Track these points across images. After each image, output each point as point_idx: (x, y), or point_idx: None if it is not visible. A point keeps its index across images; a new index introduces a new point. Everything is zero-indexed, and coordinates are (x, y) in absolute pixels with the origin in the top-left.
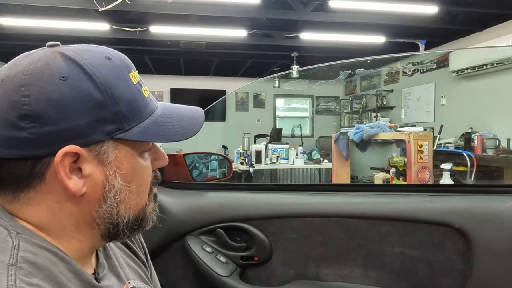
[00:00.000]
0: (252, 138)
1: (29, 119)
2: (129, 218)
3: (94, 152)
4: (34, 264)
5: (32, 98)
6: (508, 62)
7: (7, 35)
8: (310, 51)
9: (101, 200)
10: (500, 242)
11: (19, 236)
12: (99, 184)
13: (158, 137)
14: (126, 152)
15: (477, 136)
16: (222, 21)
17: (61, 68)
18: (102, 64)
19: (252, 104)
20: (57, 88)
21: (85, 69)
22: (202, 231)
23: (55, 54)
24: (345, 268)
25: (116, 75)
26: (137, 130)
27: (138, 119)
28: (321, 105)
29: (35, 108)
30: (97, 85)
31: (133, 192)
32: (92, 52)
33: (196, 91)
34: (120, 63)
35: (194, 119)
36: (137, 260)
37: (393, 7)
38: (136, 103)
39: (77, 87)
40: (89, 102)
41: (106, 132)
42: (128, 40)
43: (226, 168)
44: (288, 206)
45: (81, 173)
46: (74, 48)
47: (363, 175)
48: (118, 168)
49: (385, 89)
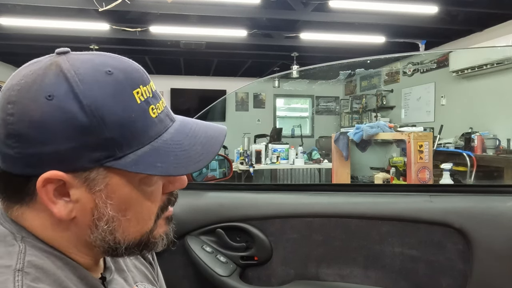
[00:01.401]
0: (252, 138)
1: (14, 139)
2: (129, 244)
3: (81, 178)
4: (41, 269)
5: (16, 117)
6: (508, 62)
7: (7, 35)
8: (310, 51)
9: (92, 226)
10: (500, 242)
11: (25, 240)
12: (88, 211)
13: (155, 169)
14: (119, 180)
15: (477, 136)
16: (222, 21)
17: (49, 85)
18: (96, 81)
19: (252, 104)
20: (39, 108)
21: (73, 87)
22: (202, 231)
23: (52, 66)
24: (345, 268)
25: (111, 95)
26: (132, 158)
27: (135, 145)
28: (321, 105)
29: (18, 128)
30: (83, 106)
31: (131, 221)
32: (91, 64)
33: (196, 91)
34: (123, 78)
35: (206, 147)
36: (144, 261)
37: (393, 7)
38: (135, 127)
39: (61, 108)
40: (73, 125)
41: (93, 159)
42: (128, 40)
43: (226, 168)
44: (288, 206)
45: (69, 198)
46: (75, 58)
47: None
48: (108, 197)
49: (385, 89)
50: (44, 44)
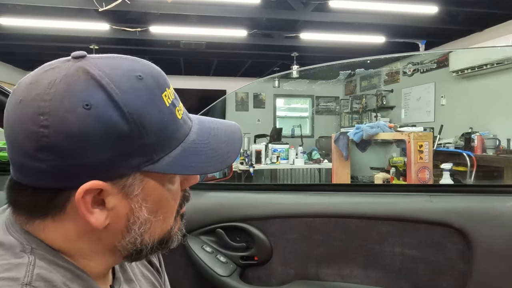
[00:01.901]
0: (252, 138)
1: (48, 152)
2: (154, 244)
3: (119, 186)
4: (50, 282)
5: (52, 129)
6: (508, 62)
7: (7, 35)
8: (310, 51)
9: (124, 231)
10: (500, 242)
11: (34, 251)
12: (123, 216)
13: (189, 169)
14: (154, 183)
15: (477, 136)
16: (222, 21)
17: (84, 93)
18: (132, 87)
19: (252, 104)
20: (79, 119)
21: (112, 95)
22: (202, 231)
23: (79, 73)
24: (345, 268)
25: (147, 100)
26: (167, 161)
27: (168, 148)
28: (321, 105)
29: (55, 141)
30: (125, 115)
31: (159, 221)
32: (121, 70)
33: (196, 91)
34: (152, 82)
35: (230, 144)
36: (151, 268)
37: (393, 7)
38: (167, 130)
39: (101, 117)
40: (114, 135)
41: (132, 166)
42: (128, 40)
43: (226, 168)
44: (288, 206)
45: (104, 206)
46: (102, 63)
47: (363, 175)
48: (144, 201)
49: (385, 89)
50: (44, 44)
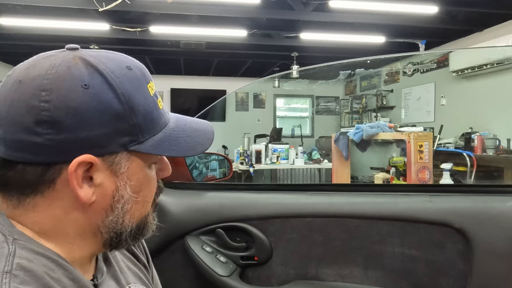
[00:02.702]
0: (252, 138)
1: (47, 125)
2: (132, 228)
3: (107, 162)
4: (30, 272)
5: (52, 104)
6: (508, 62)
7: (7, 35)
8: (310, 51)
9: (108, 209)
10: (500, 242)
11: (16, 242)
12: (109, 194)
13: (171, 151)
14: (138, 163)
15: (477, 136)
16: (222, 21)
17: (83, 75)
18: (123, 74)
19: (252, 104)
20: (78, 96)
21: (108, 79)
22: (202, 231)
23: (77, 60)
24: (345, 268)
25: (135, 86)
26: (151, 143)
27: (152, 132)
28: (321, 105)
29: (55, 115)
30: (118, 96)
31: (139, 203)
32: (114, 61)
33: (196, 91)
34: (139, 74)
35: (204, 134)
36: (137, 263)
37: (393, 7)
38: (152, 115)
39: (98, 96)
40: (108, 112)
41: (121, 144)
42: (128, 40)
43: (226, 168)
44: (288, 206)
45: (91, 182)
46: (96, 54)
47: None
48: (128, 179)
49: (385, 89)
50: (44, 44)
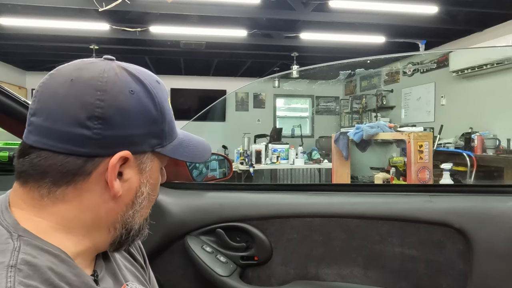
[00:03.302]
0: (252, 138)
1: (98, 121)
2: (139, 226)
3: (138, 160)
4: (34, 267)
5: (106, 103)
6: (508, 62)
7: (7, 35)
8: (310, 51)
9: (129, 204)
10: (500, 242)
11: (21, 238)
12: (133, 189)
13: (183, 156)
14: (157, 164)
15: (477, 136)
16: (222, 21)
17: (130, 82)
18: (157, 86)
19: (252, 104)
20: (126, 99)
21: (148, 88)
22: (202, 231)
23: (120, 68)
24: (345, 268)
25: (165, 98)
26: (170, 148)
27: (171, 138)
28: (321, 105)
29: (106, 112)
30: (156, 103)
31: (150, 201)
32: (148, 74)
33: (196, 91)
34: (164, 88)
35: (204, 147)
36: (135, 263)
37: (393, 7)
38: (172, 124)
39: (141, 101)
40: (147, 116)
41: (151, 145)
42: (128, 40)
43: (226, 168)
44: (288, 206)
45: (121, 177)
46: (132, 67)
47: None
48: (150, 177)
49: (385, 89)
50: (44, 44)
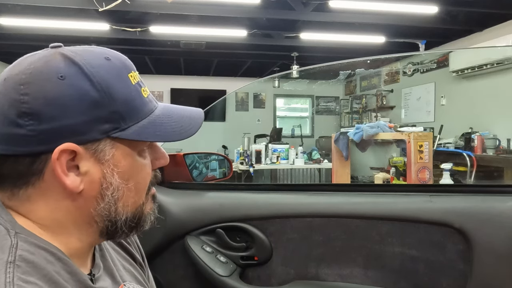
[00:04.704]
0: (252, 138)
1: (28, 117)
2: (127, 216)
3: (91, 150)
4: (32, 263)
5: (31, 96)
6: (508, 62)
7: (7, 35)
8: (310, 51)
9: (98, 197)
10: (500, 242)
11: (18, 235)
12: (96, 181)
13: (155, 137)
14: (123, 150)
15: (477, 136)
16: (222, 21)
17: (59, 67)
18: (100, 64)
19: (252, 104)
20: (54, 87)
21: (83, 69)
22: (202, 231)
23: (56, 55)
24: (345, 268)
25: (114, 75)
26: (134, 130)
27: (136, 119)
28: (321, 105)
29: (33, 106)
30: (94, 84)
31: (131, 190)
32: (92, 53)
33: (196, 91)
34: (119, 63)
35: (193, 119)
36: (133, 262)
37: (393, 7)
38: (134, 103)
39: (74, 86)
40: (85, 100)
41: (102, 131)
42: (128, 40)
43: (226, 168)
44: (288, 206)
45: (78, 171)
46: (75, 49)
47: (363, 175)
48: (115, 166)
49: (385, 89)
50: (44, 44)
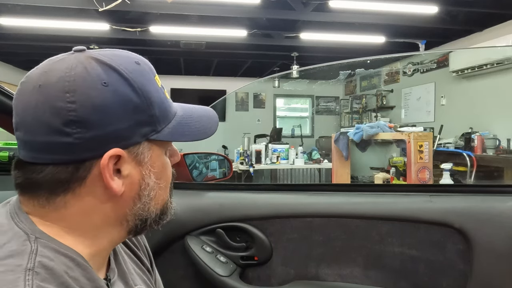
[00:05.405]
0: (252, 138)
1: (75, 125)
2: (157, 213)
3: (132, 153)
4: (51, 270)
5: (78, 104)
6: (508, 62)
7: (7, 35)
8: (310, 51)
9: (136, 198)
10: (500, 242)
11: (38, 240)
12: (136, 183)
13: (185, 137)
14: (157, 151)
15: (477, 136)
16: (222, 21)
17: (100, 74)
18: (135, 69)
19: (252, 104)
20: (100, 94)
21: (123, 75)
22: (202, 231)
23: (90, 60)
24: (345, 268)
25: (147, 79)
26: (167, 131)
27: (167, 120)
28: (321, 105)
29: (81, 114)
30: (135, 89)
31: (162, 188)
32: (122, 58)
33: (196, 91)
34: (147, 67)
35: (210, 118)
36: (142, 266)
37: (393, 7)
38: (164, 105)
39: (118, 92)
40: (128, 106)
41: (143, 134)
42: (128, 40)
43: (226, 168)
44: (288, 206)
45: (120, 174)
46: (104, 53)
47: (363, 175)
48: (152, 167)
49: (385, 89)
50: (44, 44)
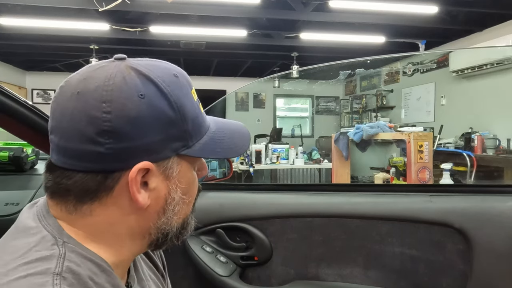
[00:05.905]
0: (252, 138)
1: (108, 135)
2: (178, 227)
3: (161, 167)
4: (78, 275)
5: (113, 115)
6: (508, 62)
7: (7, 35)
8: (310, 51)
9: (160, 212)
10: (500, 242)
11: (66, 245)
12: (162, 197)
13: (216, 153)
14: (186, 167)
15: (477, 136)
16: (222, 21)
17: (138, 85)
18: (173, 82)
19: (252, 104)
20: (135, 106)
21: (160, 87)
22: (202, 231)
23: (129, 70)
24: (345, 268)
25: (184, 93)
26: (198, 147)
27: (199, 136)
28: (321, 105)
29: (115, 125)
30: (171, 103)
31: (186, 204)
32: (161, 69)
33: (196, 91)
34: (185, 81)
35: (242, 135)
36: (157, 272)
37: (393, 7)
38: (198, 120)
39: (153, 105)
40: (163, 120)
41: (173, 149)
42: (128, 40)
43: (226, 168)
44: (288, 206)
45: (147, 187)
46: (144, 63)
47: (363, 175)
48: (179, 182)
49: (385, 89)
50: (44, 44)
